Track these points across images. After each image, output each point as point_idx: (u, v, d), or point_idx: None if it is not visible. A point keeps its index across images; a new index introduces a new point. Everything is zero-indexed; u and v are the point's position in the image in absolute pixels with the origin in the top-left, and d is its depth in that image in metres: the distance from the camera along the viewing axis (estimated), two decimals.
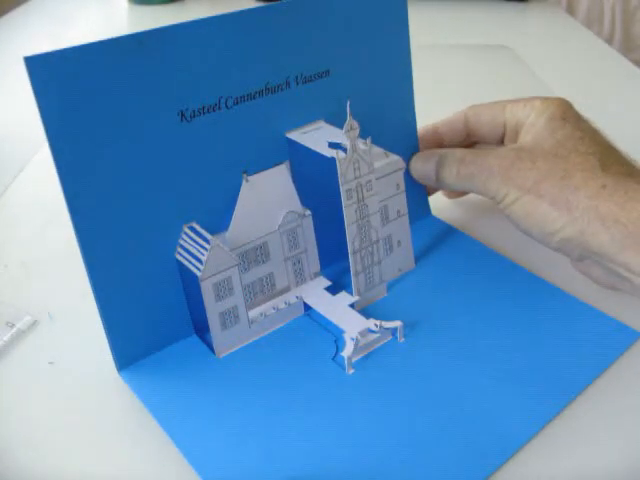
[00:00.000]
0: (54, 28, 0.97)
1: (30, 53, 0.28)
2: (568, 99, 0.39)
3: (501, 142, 0.42)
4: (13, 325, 0.37)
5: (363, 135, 0.35)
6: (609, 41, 1.23)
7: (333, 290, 0.37)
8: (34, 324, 0.37)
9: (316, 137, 0.36)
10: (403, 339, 0.35)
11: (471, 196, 0.46)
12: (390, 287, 0.39)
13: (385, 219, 0.38)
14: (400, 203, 0.39)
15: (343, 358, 0.33)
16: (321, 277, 0.39)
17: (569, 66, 0.77)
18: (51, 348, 0.36)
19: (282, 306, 0.36)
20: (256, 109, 0.35)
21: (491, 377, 0.32)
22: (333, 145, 0.35)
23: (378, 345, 0.35)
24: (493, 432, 0.30)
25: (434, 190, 0.46)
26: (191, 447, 0.30)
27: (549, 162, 0.35)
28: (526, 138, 0.38)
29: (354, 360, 0.34)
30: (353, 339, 0.33)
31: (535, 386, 0.32)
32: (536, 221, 0.35)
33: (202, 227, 0.34)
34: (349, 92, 0.37)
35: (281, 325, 0.37)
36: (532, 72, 0.74)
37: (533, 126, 0.38)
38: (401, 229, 0.39)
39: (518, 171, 0.36)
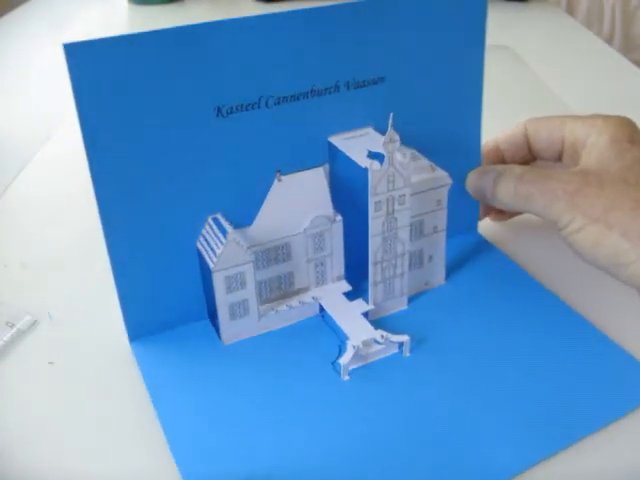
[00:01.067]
0: (54, 28, 0.97)
1: (30, 53, 0.28)
2: (568, 99, 0.39)
3: (559, 159, 0.40)
4: (13, 325, 0.37)
5: (419, 147, 0.35)
6: (609, 41, 1.23)
7: (353, 295, 0.37)
8: (34, 324, 0.37)
9: (358, 144, 0.35)
10: (409, 354, 0.34)
11: (524, 216, 0.44)
12: (413, 300, 0.38)
13: (418, 233, 0.37)
14: (438, 219, 0.38)
15: (340, 364, 0.33)
16: (343, 282, 0.38)
17: (569, 66, 0.77)
18: (51, 348, 0.36)
19: (296, 304, 0.36)
20: (298, 111, 0.34)
21: (490, 407, 0.31)
22: (373, 155, 0.33)
23: (382, 357, 0.34)
24: (475, 462, 0.29)
25: (487, 212, 0.44)
26: (173, 425, 0.30)
27: (618, 189, 0.34)
28: (589, 160, 0.36)
29: (353, 368, 0.33)
30: (354, 347, 0.33)
31: (535, 422, 0.30)
32: (606, 252, 0.33)
33: (228, 220, 0.34)
34: (406, 102, 0.37)
35: (292, 323, 0.37)
36: (532, 72, 0.74)
37: (595, 147, 0.36)
38: (435, 245, 0.38)
39: (585, 198, 0.34)
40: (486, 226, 0.44)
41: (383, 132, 0.33)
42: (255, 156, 0.34)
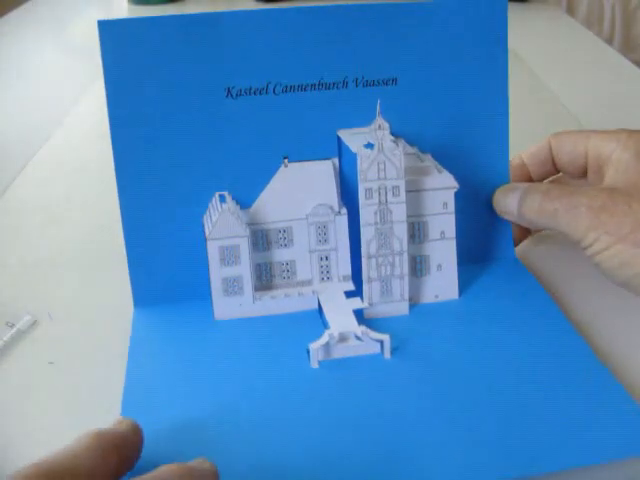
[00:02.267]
0: (54, 28, 0.97)
1: (30, 53, 0.28)
2: (568, 99, 0.39)
3: (583, 174, 0.39)
4: (13, 325, 0.37)
5: (438, 157, 0.36)
6: (609, 41, 1.23)
7: (354, 295, 0.36)
8: (34, 324, 0.37)
9: (365, 140, 0.35)
10: (389, 356, 0.33)
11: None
12: (417, 307, 0.37)
13: (422, 236, 0.36)
14: (446, 224, 0.36)
15: (310, 349, 0.32)
16: (350, 283, 0.37)
17: (569, 66, 0.77)
18: (51, 348, 0.36)
19: (294, 294, 0.36)
20: (306, 101, 0.36)
21: (449, 422, 0.29)
22: (368, 145, 0.34)
23: (361, 354, 0.33)
24: (408, 471, 0.27)
25: (523, 235, 0.42)
26: (135, 371, 0.32)
27: None
28: (615, 176, 0.35)
29: (328, 359, 0.33)
30: (329, 335, 0.32)
31: (492, 447, 0.27)
32: (633, 272, 0.32)
33: (234, 199, 0.35)
34: (422, 107, 0.37)
35: (288, 312, 0.36)
36: (532, 72, 0.74)
37: (620, 162, 0.35)
38: (444, 253, 0.37)
39: (611, 216, 0.32)
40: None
41: (395, 133, 0.34)
42: (262, 140, 0.36)
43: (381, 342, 0.33)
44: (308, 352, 0.33)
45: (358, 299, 0.36)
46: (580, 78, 0.73)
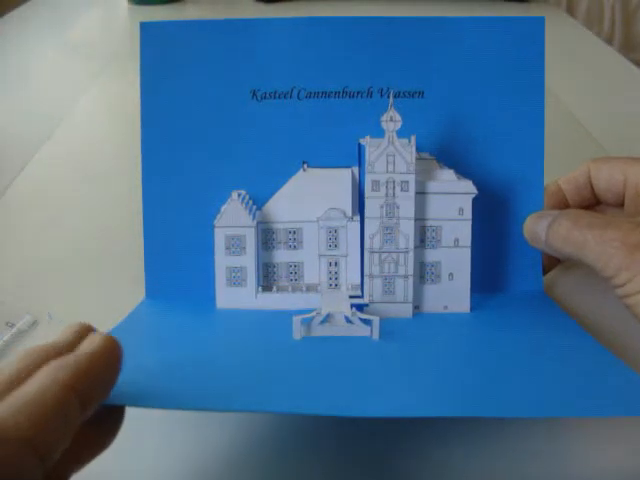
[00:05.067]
0: (54, 28, 0.97)
1: (30, 53, 0.28)
2: (568, 99, 0.39)
3: (621, 203, 0.37)
4: (13, 325, 0.37)
5: (464, 177, 0.35)
6: (609, 41, 1.23)
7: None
8: (34, 324, 0.37)
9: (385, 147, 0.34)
10: (377, 337, 0.32)
11: None
12: (422, 314, 0.35)
13: (435, 241, 0.35)
14: (461, 232, 0.35)
15: (293, 320, 0.32)
16: (358, 291, 0.36)
17: (569, 66, 0.77)
18: None
19: (299, 290, 0.36)
20: (329, 108, 0.36)
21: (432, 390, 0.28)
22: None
23: (350, 334, 0.32)
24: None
25: (552, 265, 0.39)
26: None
27: None
28: None
29: (313, 335, 0.32)
30: (316, 310, 0.32)
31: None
32: None
33: (251, 198, 0.36)
34: (447, 122, 0.36)
35: (289, 309, 0.35)
36: None
37: None
38: (456, 261, 0.35)
39: None
40: None
41: (420, 148, 0.34)
42: (283, 143, 0.36)
43: (370, 323, 0.32)
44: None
45: (361, 297, 0.35)
46: (580, 78, 0.73)
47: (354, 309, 0.33)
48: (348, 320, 0.32)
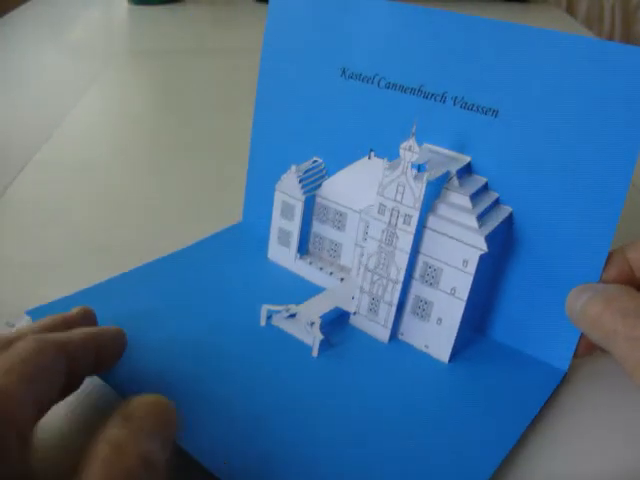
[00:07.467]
0: (54, 28, 0.97)
1: (30, 53, 0.28)
2: None
3: None
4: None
5: (520, 219, 0.32)
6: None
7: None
8: None
9: (441, 162, 0.33)
10: (316, 354, 0.33)
11: None
12: (400, 343, 0.35)
13: (431, 279, 0.33)
14: (460, 283, 0.32)
15: (262, 308, 0.35)
16: None
17: None
18: None
19: (327, 269, 0.39)
20: (404, 103, 0.36)
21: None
22: (416, 166, 0.32)
23: (303, 339, 0.34)
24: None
25: (589, 349, 0.32)
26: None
27: None
28: None
29: (275, 325, 0.35)
30: (286, 310, 0.34)
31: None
32: None
33: (325, 168, 0.39)
34: (516, 150, 0.32)
35: (317, 284, 0.39)
36: None
37: None
38: (448, 309, 0.33)
39: None
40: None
41: (475, 170, 0.33)
42: (359, 125, 0.37)
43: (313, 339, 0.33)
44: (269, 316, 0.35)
45: (354, 302, 0.36)
46: None
47: (317, 318, 0.34)
48: (310, 324, 0.34)
